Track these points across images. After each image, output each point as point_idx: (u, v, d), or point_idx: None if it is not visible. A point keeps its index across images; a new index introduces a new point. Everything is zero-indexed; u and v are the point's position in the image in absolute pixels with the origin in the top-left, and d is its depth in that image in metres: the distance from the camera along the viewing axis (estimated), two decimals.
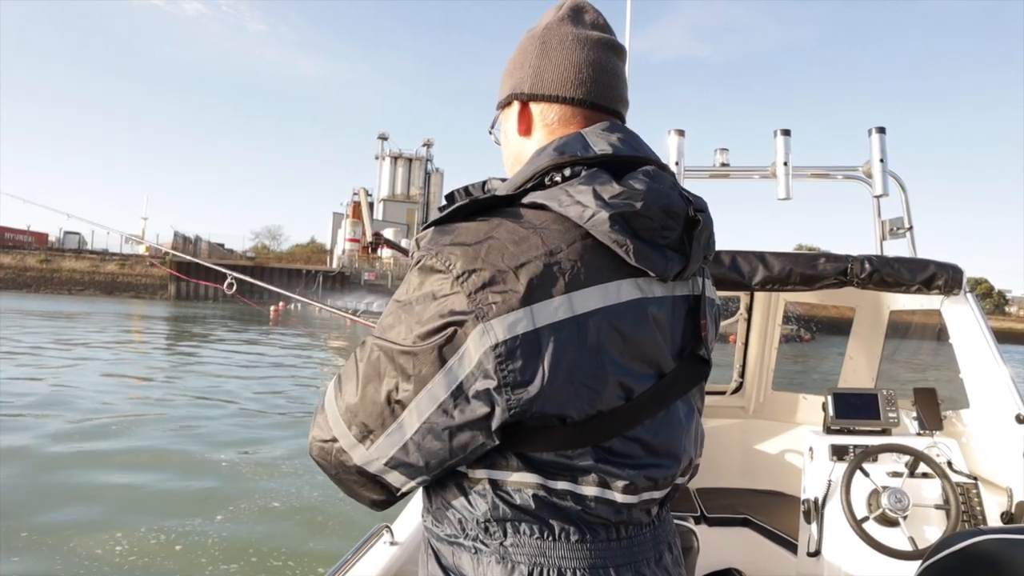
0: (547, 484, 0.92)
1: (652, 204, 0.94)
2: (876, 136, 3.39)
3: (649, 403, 0.96)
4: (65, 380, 14.17)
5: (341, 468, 0.98)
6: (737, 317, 4.09)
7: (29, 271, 60.35)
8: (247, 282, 3.16)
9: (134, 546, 6.08)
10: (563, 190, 0.94)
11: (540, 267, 0.88)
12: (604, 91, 1.10)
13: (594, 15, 1.15)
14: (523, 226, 0.92)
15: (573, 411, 0.90)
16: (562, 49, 1.10)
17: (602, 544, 0.95)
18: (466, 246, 0.90)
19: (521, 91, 1.12)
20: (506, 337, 0.85)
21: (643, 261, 0.93)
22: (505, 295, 0.86)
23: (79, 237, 70.56)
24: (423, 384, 0.88)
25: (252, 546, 6.18)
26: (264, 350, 22.63)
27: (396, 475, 0.96)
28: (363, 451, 0.95)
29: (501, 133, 1.20)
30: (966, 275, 2.88)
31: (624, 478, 0.94)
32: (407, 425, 0.91)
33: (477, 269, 0.87)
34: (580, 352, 0.89)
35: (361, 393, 0.93)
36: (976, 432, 2.90)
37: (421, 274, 0.91)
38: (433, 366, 0.88)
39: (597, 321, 0.90)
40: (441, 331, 0.87)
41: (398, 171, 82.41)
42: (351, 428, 0.94)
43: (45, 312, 34.73)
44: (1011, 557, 1.36)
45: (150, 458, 8.87)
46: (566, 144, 1.01)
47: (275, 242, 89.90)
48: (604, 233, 0.91)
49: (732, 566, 3.31)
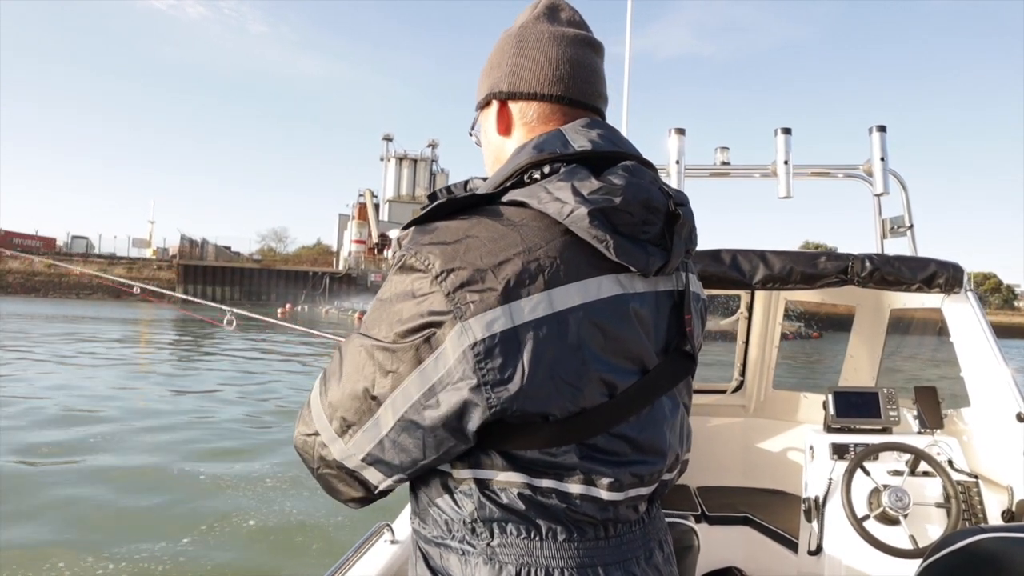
0: (532, 483, 0.92)
1: (632, 199, 0.93)
2: (877, 134, 3.39)
3: (633, 400, 0.96)
4: (53, 384, 13.80)
5: (322, 462, 0.99)
6: (738, 316, 4.09)
7: (37, 275, 60.70)
8: (246, 317, 3.24)
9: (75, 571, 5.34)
10: (542, 187, 0.94)
11: (519, 265, 0.88)
12: (582, 87, 1.10)
13: (570, 12, 1.15)
14: (502, 224, 0.92)
15: (556, 409, 0.89)
16: (539, 47, 1.09)
17: (590, 543, 0.95)
18: (444, 245, 0.90)
19: (499, 90, 1.12)
20: (484, 336, 0.85)
21: (624, 256, 0.93)
22: (483, 294, 0.86)
23: (87, 241, 70.97)
24: (399, 382, 0.89)
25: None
26: (270, 354, 22.62)
27: (373, 472, 0.96)
28: (342, 445, 0.95)
29: (481, 133, 1.20)
30: (967, 273, 2.88)
31: (609, 475, 0.93)
32: (383, 422, 0.91)
33: (455, 268, 0.87)
34: (561, 349, 0.88)
35: (342, 388, 0.94)
36: (977, 430, 2.89)
37: (401, 273, 0.92)
38: (409, 364, 0.88)
39: (578, 318, 0.90)
40: (420, 331, 0.88)
41: (403, 172, 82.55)
42: (332, 422, 0.95)
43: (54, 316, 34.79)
44: (1012, 555, 1.36)
45: (119, 474, 8.09)
46: (545, 141, 1.01)
47: (281, 244, 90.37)
48: (584, 229, 0.91)
49: (733, 565, 3.32)
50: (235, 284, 64.34)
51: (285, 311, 46.93)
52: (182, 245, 70.17)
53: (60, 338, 23.59)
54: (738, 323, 4.10)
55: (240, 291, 63.89)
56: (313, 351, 23.70)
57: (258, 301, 62.33)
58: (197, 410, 12.15)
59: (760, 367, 4.07)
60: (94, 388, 13.87)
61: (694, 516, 3.36)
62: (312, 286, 66.04)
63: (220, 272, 64.84)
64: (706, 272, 2.84)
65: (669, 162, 3.47)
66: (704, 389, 4.18)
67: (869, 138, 3.40)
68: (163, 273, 63.67)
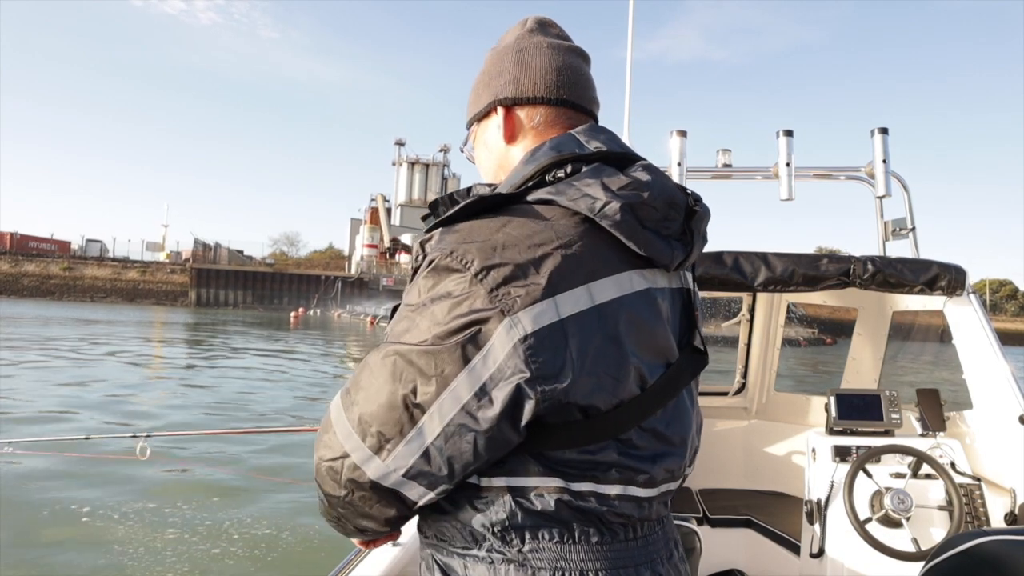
0: (570, 487, 0.91)
1: (657, 195, 0.96)
2: (879, 137, 3.38)
3: (662, 392, 0.97)
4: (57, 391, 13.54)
5: (352, 487, 0.93)
6: (739, 318, 4.08)
7: (52, 279, 61.31)
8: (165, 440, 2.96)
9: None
10: (570, 184, 0.95)
11: (558, 259, 0.88)
12: (582, 93, 1.14)
13: (558, 28, 1.20)
14: (533, 220, 0.92)
15: (599, 401, 0.90)
16: (539, 55, 1.13)
17: (621, 544, 0.95)
18: (480, 243, 0.89)
19: (504, 96, 1.13)
20: (534, 328, 0.85)
21: (651, 251, 0.95)
22: (528, 288, 0.86)
23: (101, 244, 71.62)
24: (445, 385, 0.86)
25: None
26: (285, 359, 22.67)
27: (414, 486, 0.91)
28: (379, 463, 0.90)
29: (479, 146, 1.20)
30: (969, 276, 2.87)
31: (645, 471, 0.95)
32: (428, 429, 0.87)
33: (496, 265, 0.87)
34: (604, 342, 0.90)
35: (375, 400, 0.89)
36: (979, 433, 2.88)
37: (435, 275, 0.90)
38: (456, 365, 0.86)
39: (615, 311, 0.91)
40: (463, 330, 0.86)
41: (415, 176, 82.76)
42: (365, 439, 0.90)
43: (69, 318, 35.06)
44: (1015, 558, 1.36)
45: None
46: (561, 143, 1.02)
47: (293, 248, 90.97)
48: (615, 224, 0.92)
49: (735, 567, 3.31)
50: (247, 288, 64.77)
51: (298, 315, 47.15)
52: (195, 249, 70.76)
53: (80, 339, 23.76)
54: (740, 325, 4.10)
55: (252, 295, 64.29)
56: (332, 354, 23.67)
57: (270, 305, 62.69)
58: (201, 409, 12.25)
59: (762, 369, 4.07)
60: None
61: (696, 518, 3.36)
62: (324, 290, 66.37)
63: (233, 276, 65.28)
64: (708, 274, 2.85)
65: (671, 164, 3.48)
66: (706, 391, 4.17)
67: (871, 140, 3.40)
68: (176, 277, 64.19)
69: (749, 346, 4.09)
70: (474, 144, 1.22)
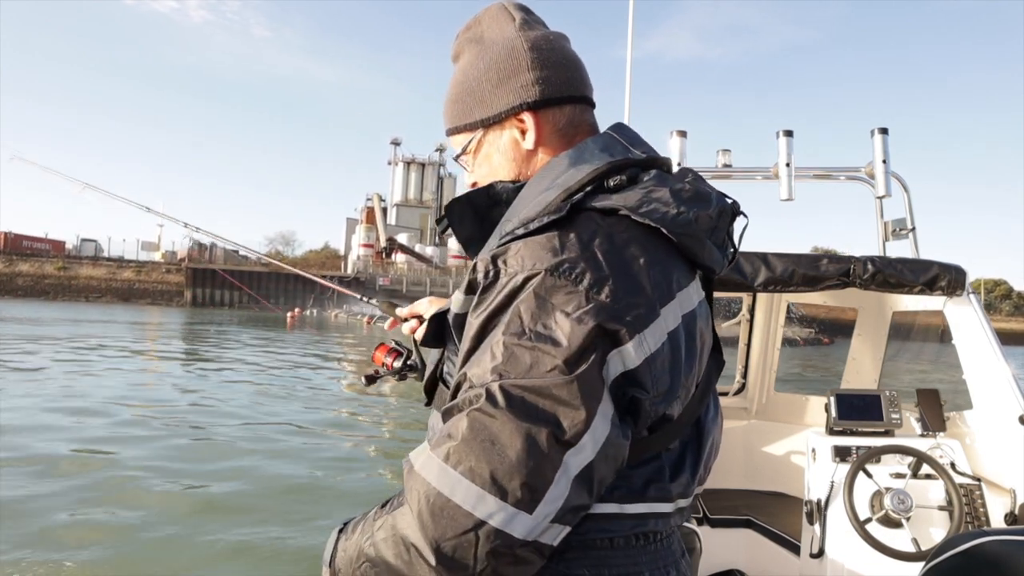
0: (623, 510, 0.90)
1: (714, 203, 0.95)
2: (879, 137, 3.38)
3: (700, 400, 0.98)
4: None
5: (491, 558, 0.77)
6: (739, 318, 4.09)
7: (47, 278, 61.11)
8: None
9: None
10: (639, 193, 0.90)
11: (655, 272, 0.86)
12: (590, 84, 1.12)
13: (536, 15, 1.14)
14: (615, 231, 0.87)
15: (675, 411, 0.90)
16: (551, 50, 1.07)
17: (651, 547, 0.95)
18: (577, 256, 0.83)
19: (532, 99, 1.04)
20: (658, 344, 0.83)
21: (711, 260, 0.95)
22: (644, 303, 0.83)
23: (95, 244, 71.39)
24: (594, 410, 0.79)
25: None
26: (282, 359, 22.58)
27: (557, 529, 0.80)
28: (526, 518, 0.77)
29: (493, 152, 1.09)
30: (969, 276, 2.87)
31: (682, 479, 0.95)
32: (574, 464, 0.78)
33: (607, 277, 0.82)
34: (687, 353, 0.89)
35: (510, 449, 0.77)
36: (979, 433, 2.88)
37: (538, 296, 0.81)
38: (599, 385, 0.80)
39: (690, 321, 0.91)
40: (595, 349, 0.79)
41: (411, 176, 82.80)
42: (507, 497, 0.76)
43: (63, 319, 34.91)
44: (1015, 558, 1.36)
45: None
46: (609, 146, 0.99)
47: (288, 248, 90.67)
48: (688, 235, 0.90)
49: (735, 567, 3.30)
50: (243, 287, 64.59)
51: (294, 315, 46.98)
52: (191, 249, 70.50)
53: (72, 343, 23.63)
54: (740, 325, 4.10)
55: (248, 295, 64.15)
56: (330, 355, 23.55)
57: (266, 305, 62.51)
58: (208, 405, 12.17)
59: (762, 370, 4.07)
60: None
61: (696, 518, 3.36)
62: (320, 290, 66.21)
63: (228, 275, 65.11)
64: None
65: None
66: None
67: (871, 140, 3.40)
68: (172, 276, 64.00)
69: (749, 346, 4.09)
70: (478, 150, 1.11)
